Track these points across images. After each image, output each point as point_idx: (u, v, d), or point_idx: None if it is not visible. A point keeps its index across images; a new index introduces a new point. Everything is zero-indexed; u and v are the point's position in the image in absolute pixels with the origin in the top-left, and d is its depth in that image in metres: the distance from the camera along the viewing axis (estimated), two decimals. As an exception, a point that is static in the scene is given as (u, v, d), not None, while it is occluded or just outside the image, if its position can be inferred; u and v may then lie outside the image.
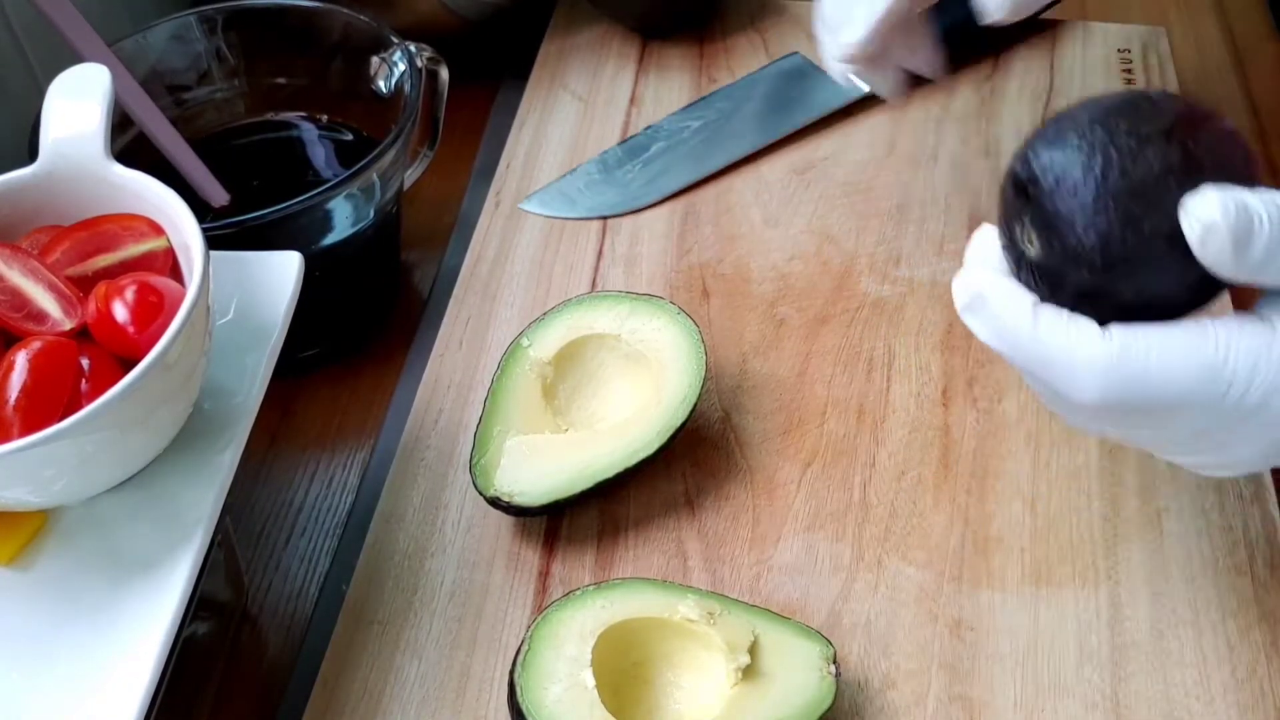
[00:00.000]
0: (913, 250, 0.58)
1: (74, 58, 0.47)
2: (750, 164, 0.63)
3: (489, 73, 0.71)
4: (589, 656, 0.40)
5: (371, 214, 0.52)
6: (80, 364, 0.36)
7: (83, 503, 0.38)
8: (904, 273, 0.57)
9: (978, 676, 0.43)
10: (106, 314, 0.36)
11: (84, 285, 0.38)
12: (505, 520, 0.48)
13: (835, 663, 0.41)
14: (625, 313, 0.50)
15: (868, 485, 0.49)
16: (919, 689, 0.43)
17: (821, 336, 0.55)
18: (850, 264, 0.58)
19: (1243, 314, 0.34)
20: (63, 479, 0.35)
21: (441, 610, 0.46)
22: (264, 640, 0.47)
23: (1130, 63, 0.68)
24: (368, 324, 0.57)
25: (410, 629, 0.45)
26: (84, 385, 0.36)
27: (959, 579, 0.46)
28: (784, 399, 0.52)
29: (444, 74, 0.56)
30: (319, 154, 0.57)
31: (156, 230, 0.39)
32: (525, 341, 0.50)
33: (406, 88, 0.53)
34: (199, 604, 0.42)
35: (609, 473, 0.46)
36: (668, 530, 0.48)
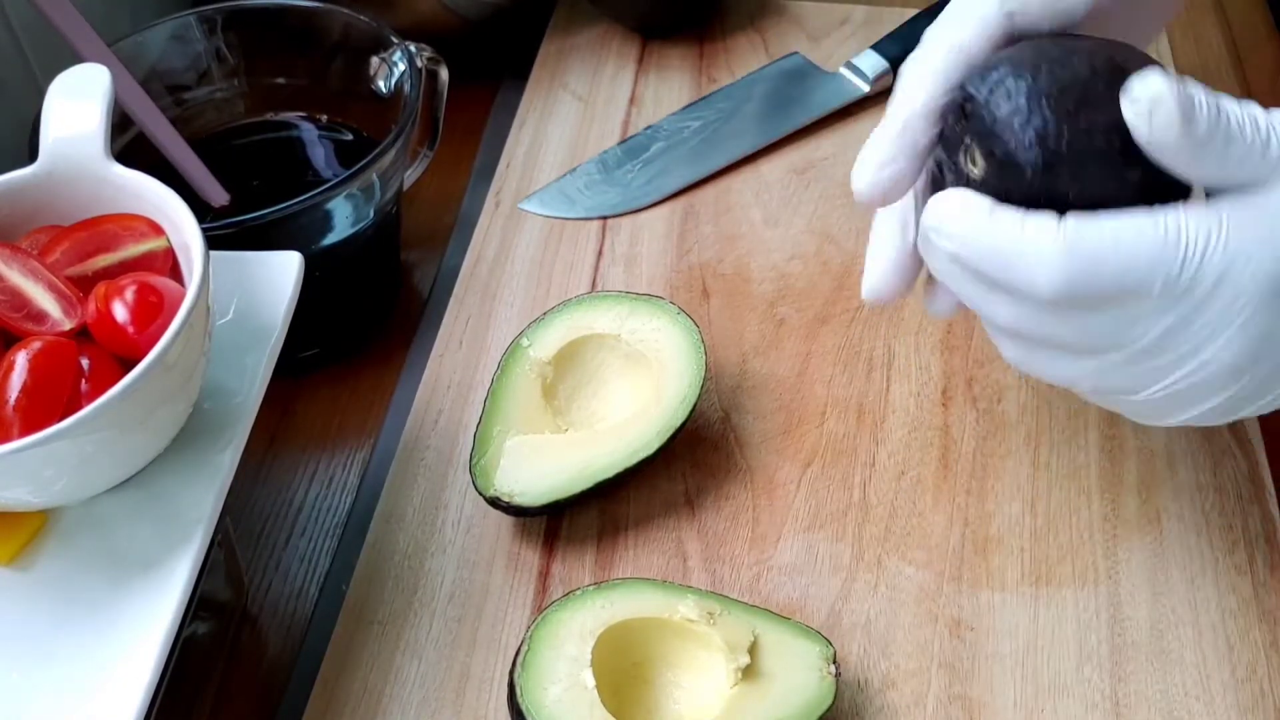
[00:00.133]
0: (913, 250, 0.58)
1: (74, 58, 0.46)
2: (750, 164, 0.63)
3: (489, 73, 0.71)
4: (589, 656, 0.40)
5: (371, 214, 0.52)
6: (80, 364, 0.36)
7: (83, 503, 0.38)
8: (904, 273, 0.57)
9: (977, 676, 0.43)
10: (106, 314, 0.36)
11: (84, 285, 0.38)
12: (505, 520, 0.48)
13: (835, 663, 0.41)
14: (625, 313, 0.50)
15: (868, 485, 0.49)
16: (919, 689, 0.43)
17: (821, 336, 0.55)
18: (850, 264, 0.58)
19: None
20: (63, 479, 0.35)
21: (441, 610, 0.46)
22: (264, 640, 0.47)
23: (1130, 63, 0.68)
24: (368, 324, 0.57)
25: (410, 629, 0.45)
26: (84, 385, 0.36)
27: (959, 579, 0.46)
28: (784, 399, 0.52)
29: (444, 74, 0.56)
30: (319, 154, 0.57)
31: (156, 230, 0.39)
32: (525, 341, 0.50)
33: (406, 88, 0.53)
34: (199, 604, 0.42)
35: (609, 473, 0.46)
36: (668, 530, 0.48)
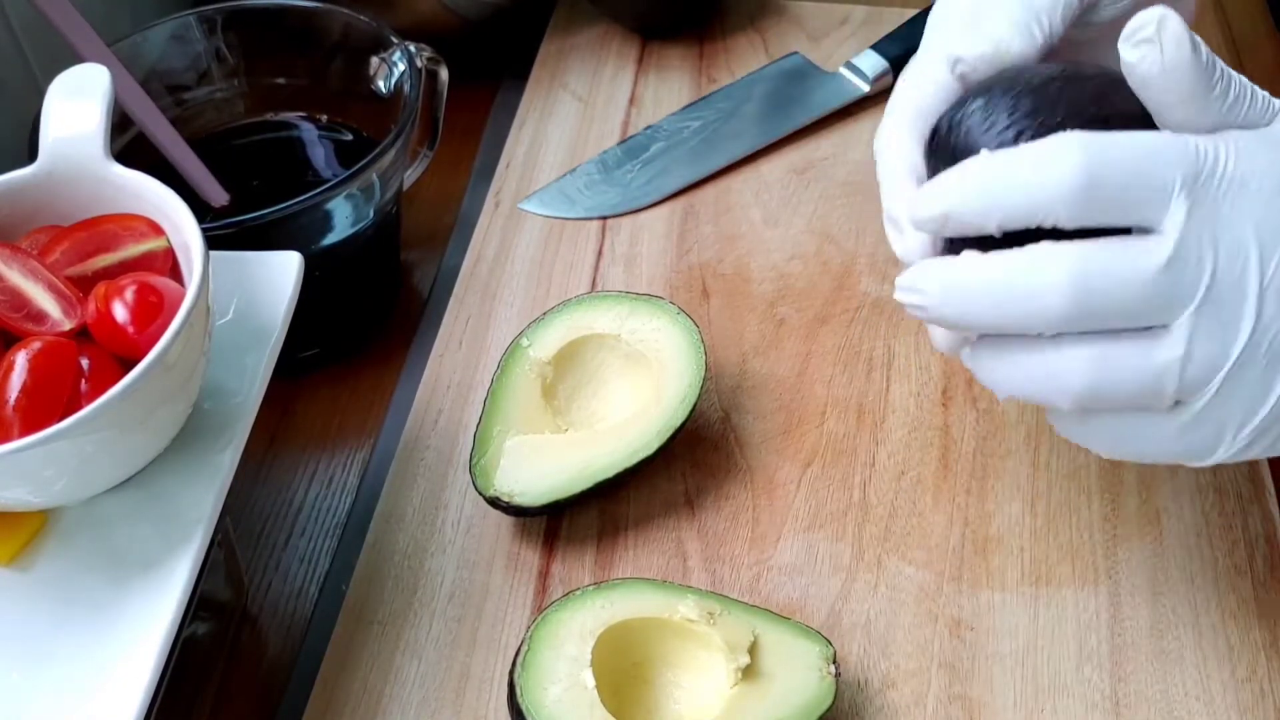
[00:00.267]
0: (913, 250, 0.58)
1: (74, 58, 0.47)
2: (750, 164, 0.63)
3: (489, 73, 0.71)
4: (589, 656, 0.40)
5: (371, 214, 0.52)
6: (80, 364, 0.36)
7: (83, 503, 0.38)
8: (904, 273, 0.57)
9: (977, 676, 0.43)
10: (106, 314, 0.36)
11: (84, 285, 0.38)
12: (505, 520, 0.48)
13: (835, 663, 0.41)
14: (625, 313, 0.50)
15: (868, 485, 0.49)
16: (919, 689, 0.43)
17: (821, 336, 0.55)
18: (850, 264, 0.58)
19: None
20: (63, 479, 0.35)
21: (441, 610, 0.46)
22: (264, 640, 0.47)
23: (1130, 63, 0.68)
24: (368, 324, 0.57)
25: (410, 629, 0.45)
26: (84, 385, 0.36)
27: (959, 579, 0.46)
28: (784, 399, 0.52)
29: (444, 74, 0.56)
30: (319, 154, 0.57)
31: (156, 230, 0.39)
32: (525, 341, 0.50)
33: (406, 88, 0.53)
34: (199, 604, 0.42)
35: (609, 473, 0.46)
36: (667, 530, 0.48)
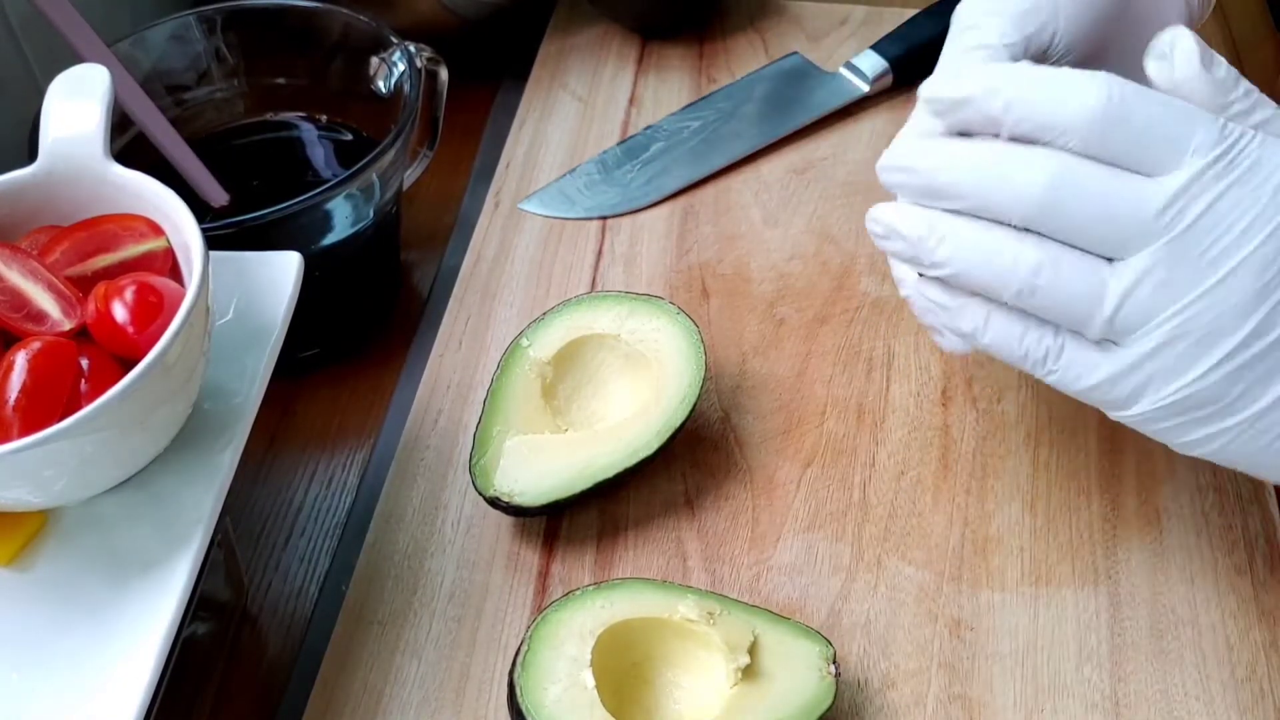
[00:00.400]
0: (912, 250, 0.58)
1: (74, 58, 0.47)
2: (750, 164, 0.63)
3: (489, 73, 0.71)
4: (589, 657, 0.40)
5: (371, 214, 0.52)
6: (80, 364, 0.36)
7: (83, 503, 0.38)
8: (904, 273, 0.57)
9: (977, 676, 0.43)
10: (106, 314, 0.36)
11: (84, 285, 0.38)
12: (505, 520, 0.48)
13: (835, 663, 0.41)
14: (625, 313, 0.50)
15: (867, 485, 0.49)
16: (919, 689, 0.43)
17: (821, 336, 0.55)
18: (850, 264, 0.58)
19: None
20: (63, 479, 0.35)
21: (441, 610, 0.46)
22: (264, 640, 0.47)
23: (1130, 63, 0.68)
24: (368, 324, 0.57)
25: (410, 629, 0.45)
26: (84, 385, 0.36)
27: (958, 579, 0.46)
28: (784, 399, 0.52)
29: (444, 74, 0.56)
30: (319, 154, 0.57)
31: (156, 230, 0.39)
32: (525, 341, 0.50)
33: (406, 88, 0.53)
34: (199, 604, 0.42)
35: (609, 473, 0.46)
36: (667, 530, 0.48)
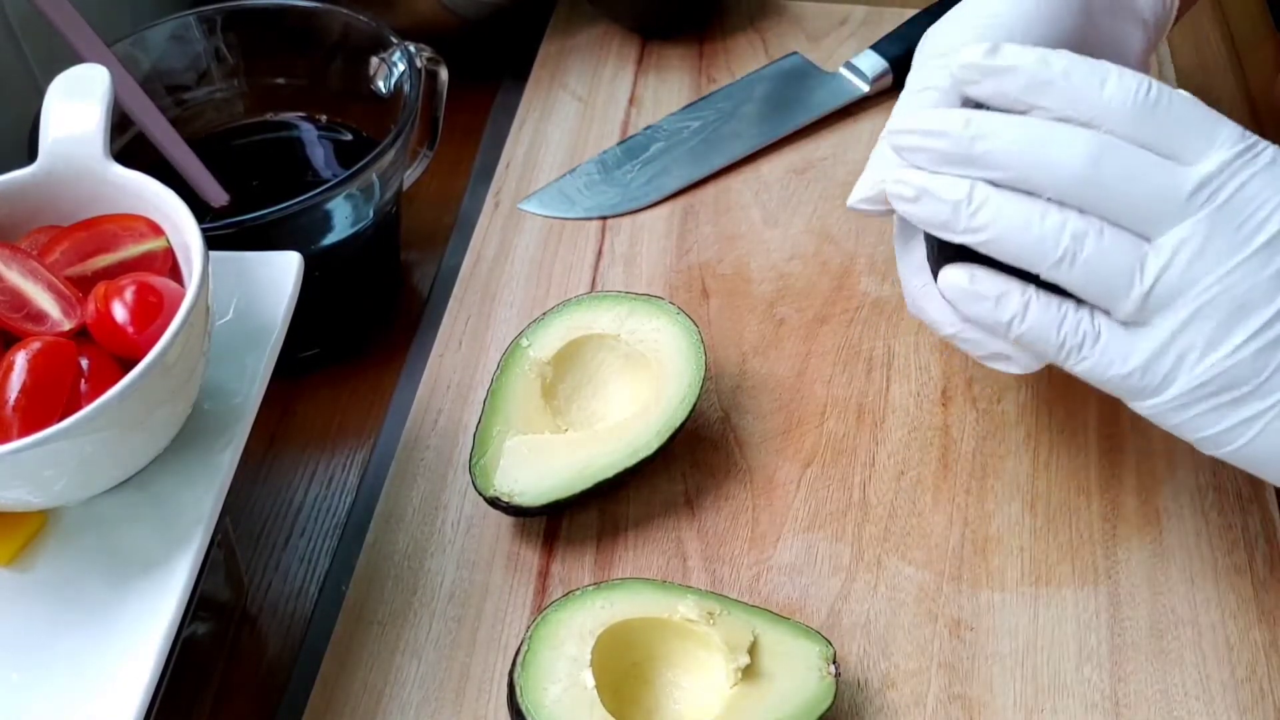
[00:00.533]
0: (912, 250, 0.58)
1: (74, 58, 0.47)
2: (750, 164, 0.63)
3: (489, 73, 0.71)
4: (589, 656, 0.40)
5: (371, 214, 0.52)
6: (80, 364, 0.36)
7: (83, 503, 0.38)
8: (904, 273, 0.57)
9: (977, 676, 0.43)
10: (106, 314, 0.36)
11: (83, 285, 0.38)
12: (505, 520, 0.48)
13: (835, 663, 0.41)
14: (625, 313, 0.50)
15: (867, 485, 0.49)
16: (919, 689, 0.43)
17: (821, 336, 0.55)
18: (850, 264, 0.58)
19: None
20: (63, 479, 0.35)
21: (441, 610, 0.46)
22: (264, 640, 0.47)
23: (1130, 62, 0.68)
24: (368, 324, 0.57)
25: (410, 629, 0.45)
26: (83, 385, 0.36)
27: (958, 579, 0.46)
28: (783, 399, 0.52)
29: (443, 74, 0.56)
30: (319, 154, 0.57)
31: (156, 230, 0.39)
32: (525, 341, 0.50)
33: (406, 88, 0.53)
34: (199, 604, 0.42)
35: (609, 473, 0.46)
36: (667, 530, 0.48)
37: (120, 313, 0.36)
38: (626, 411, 0.48)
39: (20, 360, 0.35)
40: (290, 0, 0.56)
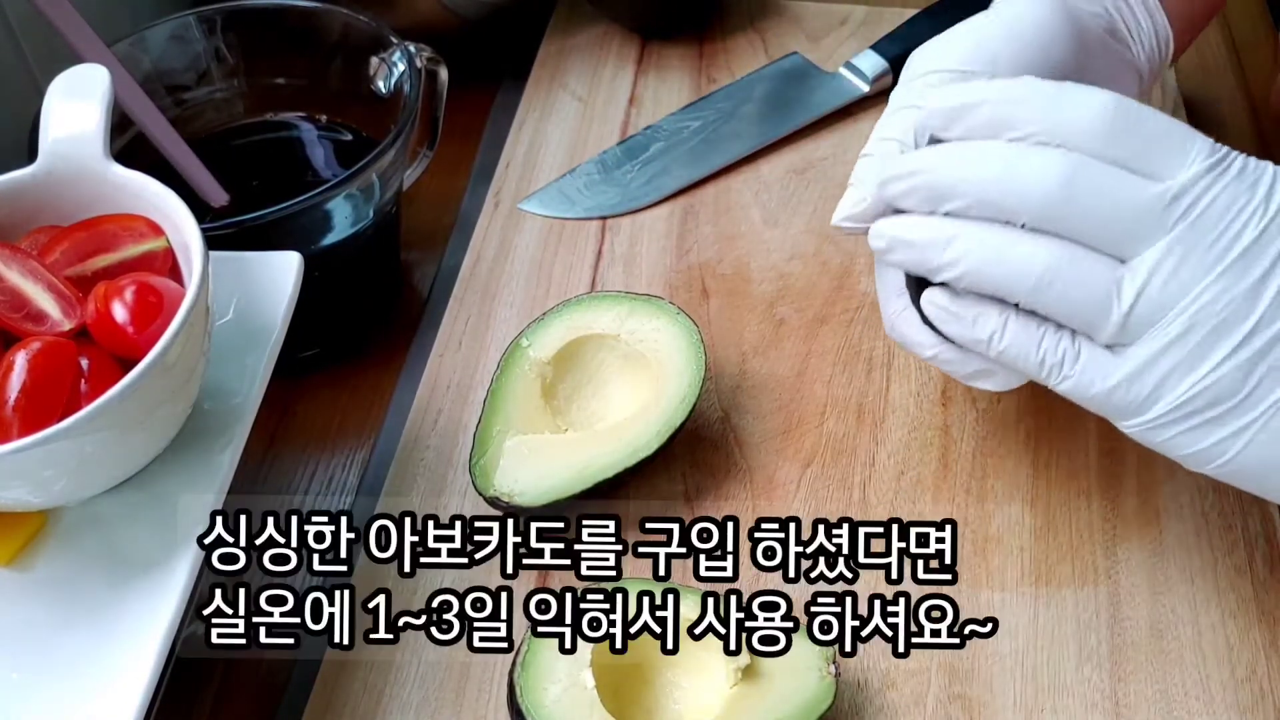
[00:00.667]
0: (912, 250, 0.58)
1: (74, 58, 0.46)
2: (750, 164, 0.63)
3: (489, 73, 0.71)
4: (589, 656, 0.40)
5: (371, 214, 0.52)
6: (79, 364, 0.36)
7: (82, 503, 0.38)
8: (904, 273, 0.57)
9: (977, 676, 0.43)
10: (106, 314, 0.36)
11: (83, 285, 0.38)
12: (505, 520, 0.48)
13: (835, 663, 0.41)
14: (625, 313, 0.50)
15: (867, 485, 0.49)
16: (919, 689, 0.43)
17: (821, 336, 0.55)
18: (850, 264, 0.58)
19: None
20: (62, 479, 0.35)
21: (441, 610, 0.45)
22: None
23: (1130, 63, 0.68)
24: (367, 324, 0.57)
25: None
26: (83, 385, 0.36)
27: (958, 578, 0.46)
28: (783, 399, 0.52)
29: (443, 74, 0.56)
30: (318, 154, 0.57)
31: (156, 230, 0.39)
32: (525, 341, 0.50)
33: (406, 88, 0.53)
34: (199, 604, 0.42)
35: (609, 473, 0.46)
36: (667, 530, 0.48)
37: (120, 313, 0.36)
38: (626, 411, 0.48)
39: (20, 360, 0.35)
40: (290, 0, 0.56)
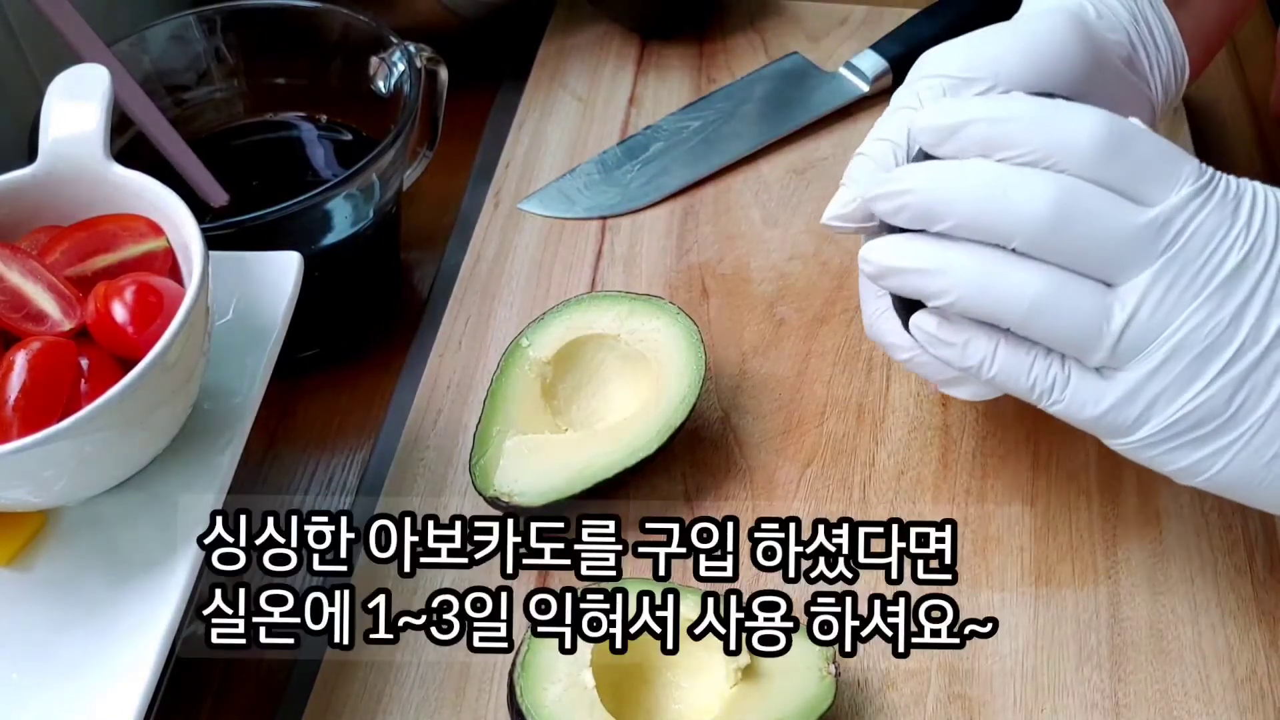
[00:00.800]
0: (912, 250, 0.58)
1: (74, 58, 0.46)
2: (750, 164, 0.63)
3: (489, 73, 0.71)
4: (589, 656, 0.40)
5: (371, 214, 0.52)
6: (79, 364, 0.36)
7: (83, 503, 0.38)
8: (904, 273, 0.57)
9: (978, 676, 0.43)
10: (106, 314, 0.36)
11: (83, 285, 0.38)
12: (505, 520, 0.48)
13: (835, 663, 0.41)
14: (625, 313, 0.50)
15: (867, 485, 0.49)
16: (919, 689, 0.43)
17: (821, 336, 0.55)
18: (850, 263, 0.58)
19: None
20: (63, 479, 0.35)
21: (441, 610, 0.45)
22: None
23: (1130, 62, 0.68)
24: (367, 324, 0.57)
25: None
26: (83, 385, 0.36)
27: (958, 578, 0.46)
28: (783, 399, 0.52)
29: (443, 74, 0.56)
30: (318, 154, 0.57)
31: (156, 230, 0.39)
32: (525, 341, 0.50)
33: (406, 88, 0.53)
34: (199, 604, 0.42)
35: (609, 473, 0.46)
36: (667, 530, 0.48)
37: (120, 313, 0.36)
38: (626, 411, 0.48)
39: (20, 360, 0.35)
40: (290, 0, 0.56)
